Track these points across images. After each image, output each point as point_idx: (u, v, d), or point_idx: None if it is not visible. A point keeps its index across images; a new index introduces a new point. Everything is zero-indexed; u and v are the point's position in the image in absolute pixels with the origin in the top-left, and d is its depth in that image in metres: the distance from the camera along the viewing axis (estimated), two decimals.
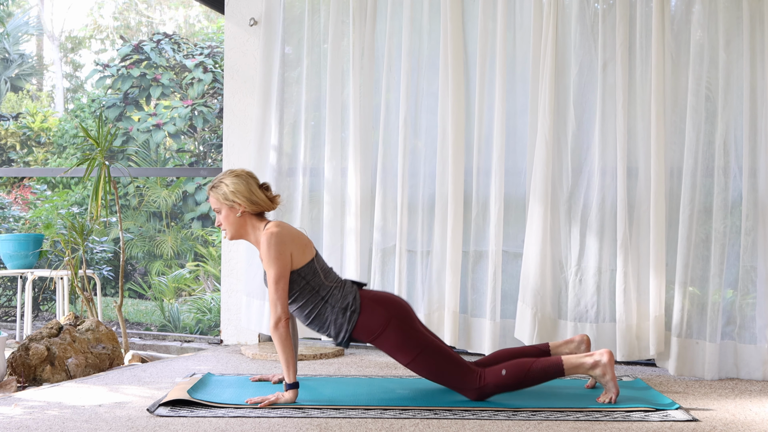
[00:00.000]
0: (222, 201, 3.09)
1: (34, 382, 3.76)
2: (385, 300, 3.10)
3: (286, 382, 2.97)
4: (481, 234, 4.08)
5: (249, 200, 3.07)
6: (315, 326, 3.12)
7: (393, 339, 3.03)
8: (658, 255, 3.73)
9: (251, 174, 3.15)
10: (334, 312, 3.06)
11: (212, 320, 7.00)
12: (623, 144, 3.80)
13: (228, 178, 3.09)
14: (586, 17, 3.96)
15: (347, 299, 3.07)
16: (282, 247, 3.00)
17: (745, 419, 2.86)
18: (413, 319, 3.10)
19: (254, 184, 3.11)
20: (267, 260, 3.01)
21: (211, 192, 3.12)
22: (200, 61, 10.82)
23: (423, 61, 4.22)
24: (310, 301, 3.07)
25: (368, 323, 3.04)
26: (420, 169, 4.21)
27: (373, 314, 3.04)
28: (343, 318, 3.05)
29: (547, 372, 3.01)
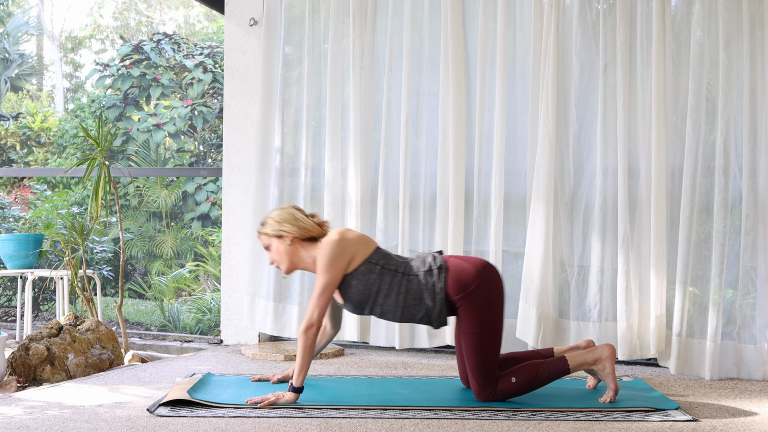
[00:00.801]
0: (270, 234, 3.09)
1: (34, 382, 3.76)
2: (473, 259, 3.06)
3: (293, 384, 2.96)
4: (482, 234, 4.08)
5: (296, 226, 3.07)
6: (410, 309, 3.01)
7: (477, 302, 2.96)
8: (659, 254, 3.73)
9: (296, 206, 3.18)
10: (420, 279, 2.99)
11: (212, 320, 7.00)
12: (624, 144, 3.80)
13: (272, 212, 3.13)
14: (587, 18, 3.96)
15: (427, 262, 3.03)
16: (337, 256, 2.97)
17: (745, 419, 2.86)
18: (500, 291, 3.04)
19: (299, 212, 3.13)
20: (319, 267, 2.99)
21: (259, 230, 3.13)
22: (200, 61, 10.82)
23: (424, 61, 4.22)
24: (394, 282, 3.01)
25: (459, 278, 2.97)
26: (421, 169, 4.21)
27: (462, 270, 2.99)
28: (431, 277, 2.99)
29: (554, 374, 3.03)
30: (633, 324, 3.76)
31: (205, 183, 9.83)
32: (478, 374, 2.99)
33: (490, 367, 2.98)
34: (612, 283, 3.86)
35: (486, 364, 2.98)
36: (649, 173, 3.78)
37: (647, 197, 3.79)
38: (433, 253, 3.09)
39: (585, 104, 3.98)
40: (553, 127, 3.88)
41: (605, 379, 3.06)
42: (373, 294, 3.03)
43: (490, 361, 2.98)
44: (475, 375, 2.99)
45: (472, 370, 3.00)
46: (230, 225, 4.64)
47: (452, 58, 4.06)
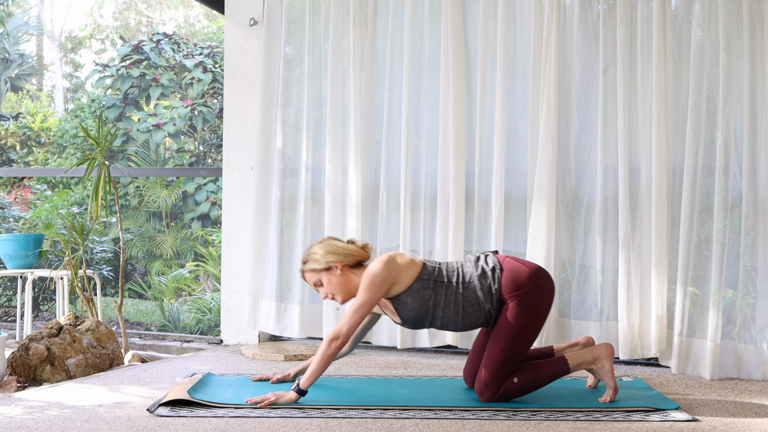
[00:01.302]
0: (318, 269, 3.08)
1: (34, 382, 3.76)
2: (528, 262, 3.06)
3: (300, 385, 2.96)
4: (482, 233, 4.09)
5: (341, 254, 3.08)
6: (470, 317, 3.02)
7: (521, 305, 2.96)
8: (660, 254, 3.74)
9: (331, 237, 3.19)
10: (476, 284, 2.99)
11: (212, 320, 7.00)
12: (624, 144, 3.80)
13: (312, 249, 3.12)
14: (587, 18, 3.97)
15: (479, 265, 3.03)
16: (382, 277, 2.96)
17: (745, 419, 2.86)
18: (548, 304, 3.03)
19: (338, 241, 3.14)
20: (362, 285, 2.99)
21: (304, 269, 3.12)
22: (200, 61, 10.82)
23: (424, 60, 4.22)
24: (449, 293, 3.00)
25: (514, 278, 2.97)
26: (422, 169, 4.22)
27: (517, 270, 2.99)
28: (485, 280, 2.99)
29: (555, 374, 3.04)
30: (634, 324, 3.76)
31: (205, 183, 9.83)
32: (493, 372, 2.99)
33: (507, 369, 2.99)
34: (613, 283, 3.87)
35: (505, 365, 2.99)
36: (649, 173, 3.79)
37: (648, 197, 3.79)
38: (487, 253, 3.10)
39: (586, 104, 3.99)
40: (555, 127, 3.88)
41: (604, 378, 3.06)
42: (430, 309, 3.03)
43: (510, 364, 2.99)
44: (490, 372, 2.99)
45: (490, 366, 2.99)
46: (230, 225, 4.64)
47: (452, 58, 4.06)
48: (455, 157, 4.05)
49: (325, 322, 4.28)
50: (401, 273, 3.00)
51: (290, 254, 4.40)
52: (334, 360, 3.05)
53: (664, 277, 3.74)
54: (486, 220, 4.08)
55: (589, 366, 3.08)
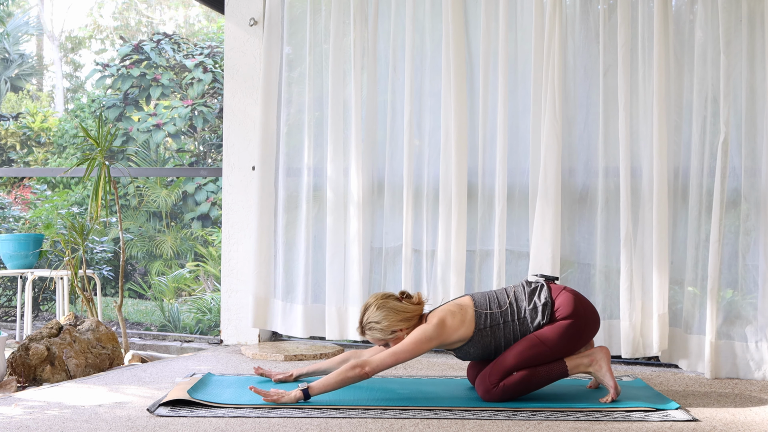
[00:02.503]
0: (387, 336, 3.11)
1: (34, 382, 3.76)
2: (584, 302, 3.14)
3: (309, 389, 2.96)
4: (486, 233, 4.11)
5: (406, 320, 3.09)
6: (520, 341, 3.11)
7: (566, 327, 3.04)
8: (661, 254, 3.74)
9: (386, 296, 3.15)
10: (527, 320, 3.07)
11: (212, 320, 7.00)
12: (626, 144, 3.81)
13: (375, 315, 3.09)
14: (588, 18, 3.99)
15: (533, 300, 3.09)
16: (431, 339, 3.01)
17: (745, 419, 2.86)
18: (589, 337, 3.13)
19: (397, 303, 3.12)
20: (411, 338, 3.02)
21: (369, 333, 3.13)
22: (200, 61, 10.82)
23: (426, 60, 4.23)
24: (507, 331, 3.08)
25: (559, 312, 3.06)
26: (424, 169, 4.23)
27: (567, 305, 3.06)
28: (536, 316, 3.07)
29: (552, 372, 3.06)
30: (636, 323, 3.77)
31: (205, 183, 9.83)
32: (502, 368, 3.03)
33: (515, 370, 3.04)
34: (615, 282, 3.89)
35: (516, 366, 3.03)
36: (651, 173, 3.79)
37: (649, 197, 3.80)
38: (541, 283, 3.14)
39: (587, 105, 4.00)
40: (560, 127, 3.89)
41: (603, 379, 3.07)
42: (492, 349, 3.12)
43: (520, 367, 3.04)
44: (501, 367, 3.04)
45: (502, 362, 3.04)
46: (230, 225, 4.64)
47: (454, 57, 4.06)
48: (457, 157, 4.05)
49: (327, 321, 4.29)
50: (453, 334, 3.06)
51: (292, 254, 4.42)
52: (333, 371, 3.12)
53: (665, 276, 3.75)
54: (489, 219, 4.09)
55: (586, 368, 3.10)
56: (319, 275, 4.39)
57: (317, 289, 4.38)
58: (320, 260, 4.39)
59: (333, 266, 4.27)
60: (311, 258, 4.38)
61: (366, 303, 3.15)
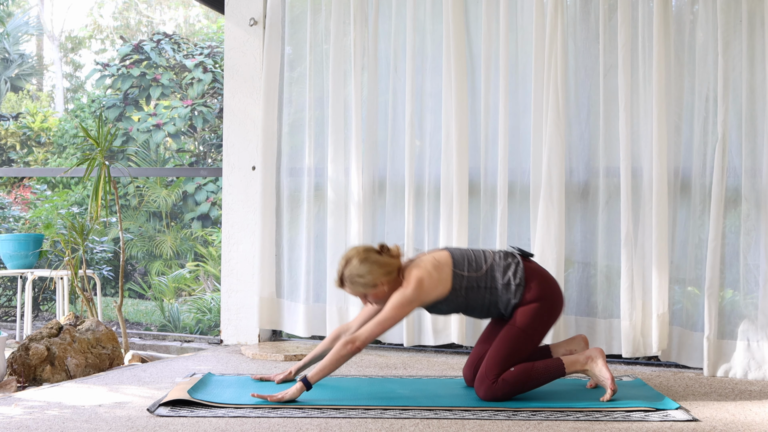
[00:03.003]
0: (366, 289, 3.11)
1: (34, 382, 3.76)
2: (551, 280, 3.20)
3: (308, 378, 2.99)
4: (488, 233, 4.12)
5: (387, 274, 3.10)
6: (486, 314, 3.21)
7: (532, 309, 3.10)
8: (661, 253, 3.75)
9: (367, 249, 3.14)
10: (499, 291, 3.12)
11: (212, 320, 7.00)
12: (626, 144, 3.81)
13: (358, 269, 3.08)
14: (589, 19, 4.00)
15: (508, 273, 3.13)
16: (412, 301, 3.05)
17: (745, 419, 2.86)
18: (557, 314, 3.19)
19: (375, 254, 3.12)
20: (392, 303, 3.04)
21: (350, 287, 3.12)
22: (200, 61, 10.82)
23: (427, 61, 4.23)
24: (478, 296, 3.13)
25: (530, 294, 3.11)
26: (425, 169, 4.24)
27: (537, 288, 3.12)
28: (508, 293, 3.11)
29: (549, 370, 3.09)
30: (636, 322, 3.78)
31: (205, 183, 9.83)
32: (495, 362, 3.06)
33: (509, 363, 3.07)
34: (615, 282, 3.90)
35: (507, 358, 3.07)
36: (651, 173, 3.80)
37: (649, 197, 3.80)
38: (518, 261, 3.17)
39: (587, 105, 4.02)
40: (564, 128, 3.90)
41: (599, 375, 3.09)
42: (462, 309, 3.21)
43: (513, 359, 3.08)
44: (492, 362, 3.07)
45: (494, 356, 3.08)
46: (230, 225, 4.65)
47: (455, 58, 4.07)
48: (458, 157, 4.06)
49: (328, 320, 4.31)
50: (431, 293, 3.09)
51: (294, 254, 4.43)
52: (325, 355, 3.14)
53: (665, 276, 3.75)
54: (492, 219, 4.10)
55: (582, 367, 3.12)
56: (321, 275, 4.40)
57: (318, 289, 4.39)
58: (321, 260, 4.40)
59: (334, 266, 4.28)
60: (312, 258, 4.39)
61: (347, 255, 3.13)
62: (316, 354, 3.35)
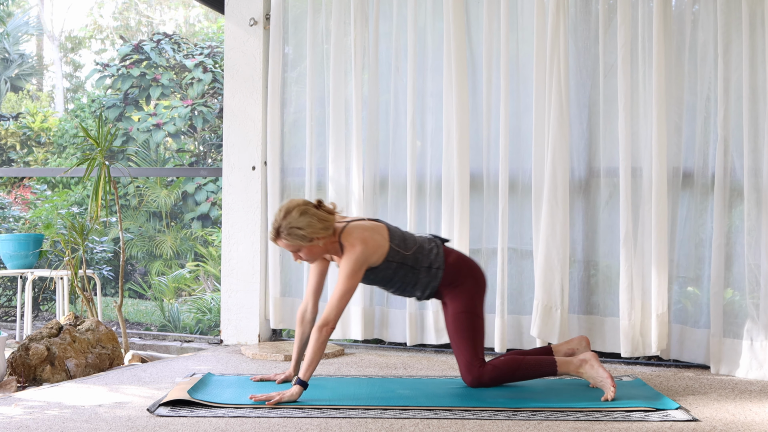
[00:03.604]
0: (301, 243, 3.06)
1: (34, 382, 3.76)
2: (468, 262, 3.31)
3: (300, 377, 2.99)
4: (490, 232, 4.14)
5: (325, 229, 3.07)
6: (403, 293, 3.29)
7: (460, 291, 3.20)
8: (661, 253, 3.75)
9: (306, 202, 3.09)
10: (421, 272, 3.20)
11: (212, 320, 7.00)
12: (626, 144, 3.82)
13: (297, 221, 3.02)
14: (589, 19, 4.01)
15: (430, 258, 3.20)
16: (361, 263, 3.07)
17: (745, 419, 2.86)
18: (484, 290, 3.29)
19: (314, 209, 3.08)
20: (344, 274, 3.06)
21: (286, 239, 3.05)
22: (200, 61, 10.82)
23: (428, 61, 4.24)
24: (403, 275, 3.20)
25: (450, 275, 3.21)
26: (426, 170, 4.24)
27: (456, 268, 3.22)
28: (428, 276, 3.20)
29: (540, 364, 3.14)
30: (635, 322, 3.79)
31: (205, 183, 9.83)
32: (462, 354, 3.15)
33: (476, 344, 3.15)
34: (615, 281, 3.92)
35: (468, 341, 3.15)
36: (651, 173, 3.80)
37: (649, 197, 3.81)
38: (439, 246, 3.26)
39: (587, 105, 4.02)
40: (567, 127, 3.90)
41: (596, 376, 3.10)
42: (385, 282, 3.24)
43: (476, 340, 3.15)
44: (464, 350, 3.15)
45: (461, 346, 3.16)
46: (230, 225, 4.65)
47: (455, 58, 4.07)
48: (459, 157, 4.06)
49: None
50: (373, 255, 3.12)
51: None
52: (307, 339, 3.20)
53: (664, 275, 3.76)
54: (494, 218, 4.10)
55: (576, 369, 3.14)
56: None
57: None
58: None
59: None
60: None
61: (286, 207, 3.06)
62: (299, 343, 3.34)
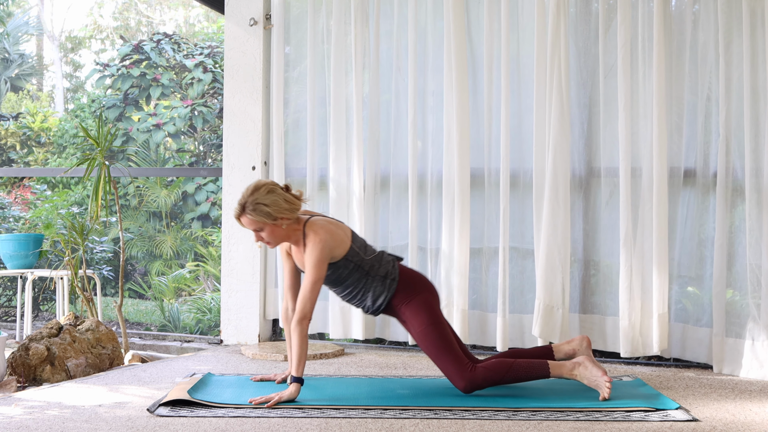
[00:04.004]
0: (266, 221, 3.06)
1: (34, 382, 3.76)
2: (421, 275, 3.31)
3: (294, 375, 3.00)
4: (491, 230, 4.15)
5: (289, 211, 3.08)
6: (352, 298, 3.24)
7: (418, 305, 3.18)
8: (661, 253, 3.76)
9: (274, 183, 3.13)
10: (376, 281, 3.17)
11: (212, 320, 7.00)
12: (626, 144, 3.82)
13: (264, 198, 3.04)
14: (589, 19, 4.01)
15: (386, 268, 3.21)
16: (326, 253, 3.08)
17: (745, 419, 2.86)
18: (438, 302, 3.26)
19: (281, 191, 3.10)
20: (310, 263, 3.06)
21: (249, 215, 3.05)
22: (200, 61, 10.81)
23: (428, 61, 4.24)
24: (358, 278, 3.19)
25: (405, 289, 3.20)
26: (428, 169, 4.25)
27: (410, 282, 3.21)
28: (382, 287, 3.18)
29: (532, 367, 3.11)
30: (635, 322, 3.80)
31: (205, 183, 9.83)
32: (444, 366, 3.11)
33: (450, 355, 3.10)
34: (615, 281, 3.92)
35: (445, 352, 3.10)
36: (651, 172, 3.81)
37: (650, 196, 3.81)
38: (394, 261, 3.25)
39: (587, 105, 4.03)
40: (568, 126, 3.90)
41: (590, 376, 3.07)
42: (338, 282, 3.21)
43: (448, 351, 3.11)
44: (443, 368, 3.11)
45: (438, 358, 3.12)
46: (230, 225, 4.65)
47: (455, 58, 4.08)
48: (460, 157, 4.07)
49: (331, 319, 4.34)
50: (337, 248, 3.11)
51: None
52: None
53: (665, 275, 3.76)
54: (495, 217, 4.12)
55: (570, 372, 3.11)
56: None
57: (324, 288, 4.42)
58: None
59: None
60: None
61: (254, 185, 3.09)
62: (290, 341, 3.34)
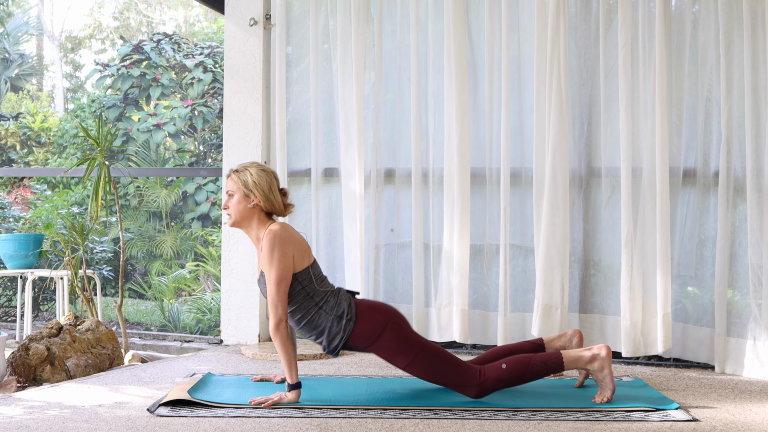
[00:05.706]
0: (240, 186, 3.08)
1: (34, 382, 3.76)
2: (380, 306, 3.11)
3: (289, 382, 2.97)
4: (492, 229, 4.16)
5: (265, 196, 3.08)
6: (306, 331, 3.10)
7: (390, 343, 3.03)
8: (664, 253, 3.76)
9: (276, 175, 3.15)
10: (329, 320, 3.04)
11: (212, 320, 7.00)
12: (627, 144, 3.83)
13: (254, 169, 3.10)
14: (590, 19, 4.02)
15: (342, 307, 3.05)
16: (285, 248, 2.99)
17: (745, 419, 2.86)
18: (407, 324, 3.10)
19: (276, 184, 3.13)
20: (269, 261, 2.99)
21: (233, 175, 3.11)
22: (200, 61, 10.82)
23: (429, 60, 4.25)
24: (304, 306, 3.05)
25: (365, 329, 3.03)
26: (429, 169, 4.25)
27: (369, 320, 3.04)
28: (338, 326, 3.04)
29: (548, 365, 3.01)
30: (637, 321, 3.80)
31: (205, 183, 9.83)
32: (448, 383, 3.03)
33: (451, 370, 3.01)
34: (616, 281, 3.93)
35: (444, 371, 3.01)
36: (652, 172, 3.81)
37: (651, 196, 3.81)
38: (350, 299, 3.09)
39: (588, 105, 4.03)
40: (569, 128, 3.91)
41: (603, 380, 3.01)
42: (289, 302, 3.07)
43: (446, 368, 3.01)
44: (448, 385, 3.04)
45: (441, 384, 3.04)
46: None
47: (455, 58, 4.08)
48: (460, 157, 4.07)
49: None
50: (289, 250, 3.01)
51: None
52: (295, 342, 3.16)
53: (668, 275, 3.76)
54: (497, 216, 4.13)
55: (585, 365, 3.02)
56: (329, 272, 4.44)
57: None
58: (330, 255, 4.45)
59: (339, 264, 4.33)
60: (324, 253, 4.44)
61: (257, 162, 3.21)
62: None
